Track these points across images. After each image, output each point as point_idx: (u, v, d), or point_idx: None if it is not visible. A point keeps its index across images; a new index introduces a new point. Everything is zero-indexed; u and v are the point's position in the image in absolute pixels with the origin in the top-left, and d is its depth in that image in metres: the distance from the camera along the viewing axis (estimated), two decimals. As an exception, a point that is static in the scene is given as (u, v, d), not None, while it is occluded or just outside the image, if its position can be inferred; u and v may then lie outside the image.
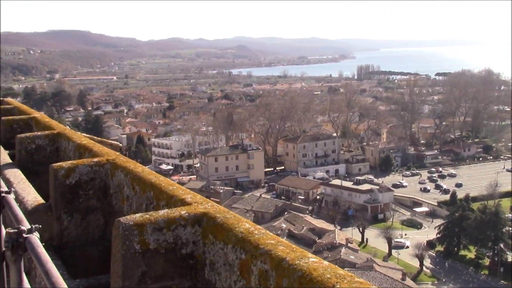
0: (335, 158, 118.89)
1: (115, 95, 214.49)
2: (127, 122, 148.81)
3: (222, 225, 3.25)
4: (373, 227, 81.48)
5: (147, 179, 4.36)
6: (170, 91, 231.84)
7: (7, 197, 3.60)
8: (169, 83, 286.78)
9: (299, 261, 2.68)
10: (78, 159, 5.89)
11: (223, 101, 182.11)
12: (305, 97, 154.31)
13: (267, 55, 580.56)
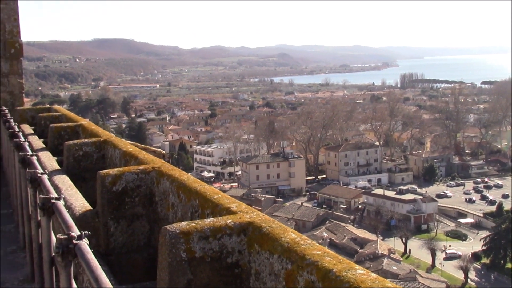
0: (378, 167, 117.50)
1: (158, 103, 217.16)
2: (170, 130, 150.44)
3: (267, 235, 3.23)
4: (416, 237, 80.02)
5: (192, 187, 4.38)
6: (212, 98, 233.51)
7: (57, 204, 3.68)
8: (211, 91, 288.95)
9: (346, 273, 2.65)
10: (124, 167, 5.98)
11: (265, 109, 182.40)
12: (347, 105, 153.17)
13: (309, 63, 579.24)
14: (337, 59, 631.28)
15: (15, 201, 7.88)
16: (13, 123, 8.98)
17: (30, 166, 5.60)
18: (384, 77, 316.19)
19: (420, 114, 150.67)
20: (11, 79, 13.78)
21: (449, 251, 74.32)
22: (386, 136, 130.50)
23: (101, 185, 5.20)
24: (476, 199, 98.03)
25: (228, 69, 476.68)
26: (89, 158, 7.44)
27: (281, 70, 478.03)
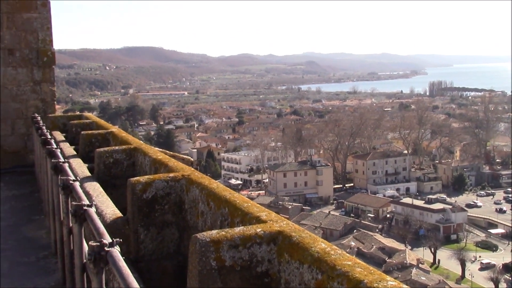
0: (406, 176, 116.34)
1: (186, 110, 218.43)
2: (198, 137, 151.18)
3: (297, 244, 3.23)
4: (446, 248, 78.87)
5: (222, 196, 4.40)
6: (239, 106, 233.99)
7: (89, 211, 3.73)
8: (238, 99, 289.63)
9: (378, 284, 2.63)
10: (154, 174, 6.03)
11: (292, 116, 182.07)
12: (375, 114, 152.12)
13: (337, 71, 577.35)
14: (365, 67, 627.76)
15: (47, 207, 8.01)
16: (45, 130, 9.14)
17: (62, 173, 5.69)
18: (413, 85, 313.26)
19: (450, 122, 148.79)
20: (44, 86, 14.02)
21: (483, 261, 73.12)
22: (414, 145, 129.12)
23: (131, 193, 5.26)
24: (506, 209, 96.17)
25: (256, 76, 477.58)
26: (119, 165, 7.52)
27: (309, 78, 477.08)
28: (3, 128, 13.64)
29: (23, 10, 13.68)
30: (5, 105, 13.65)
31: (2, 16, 13.50)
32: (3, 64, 13.57)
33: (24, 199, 10.52)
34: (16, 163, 13.57)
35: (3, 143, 13.67)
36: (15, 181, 12.31)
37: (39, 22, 13.86)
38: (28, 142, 13.70)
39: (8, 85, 13.64)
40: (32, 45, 13.81)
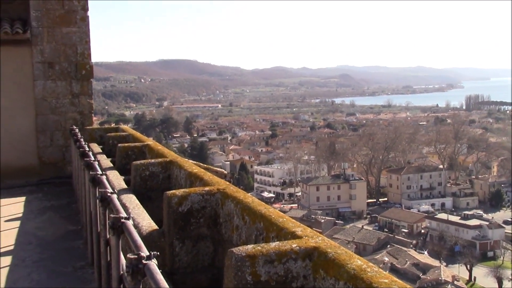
0: (441, 191, 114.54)
1: (220, 123, 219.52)
2: (231, 149, 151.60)
3: (333, 261, 3.22)
4: (482, 265, 77.16)
5: (257, 210, 4.42)
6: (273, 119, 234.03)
7: (126, 223, 3.78)
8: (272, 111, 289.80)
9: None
10: (189, 187, 6.09)
11: (326, 130, 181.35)
12: (410, 127, 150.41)
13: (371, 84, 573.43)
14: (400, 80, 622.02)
15: (84, 218, 8.14)
16: (83, 142, 9.31)
17: (100, 185, 5.79)
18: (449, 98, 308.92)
19: (487, 137, 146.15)
20: (82, 99, 14.30)
21: None
22: (450, 159, 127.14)
23: (167, 206, 5.32)
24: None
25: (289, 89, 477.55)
26: (155, 178, 7.61)
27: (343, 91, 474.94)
28: (42, 140, 13.94)
29: (63, 25, 14.01)
30: (45, 117, 13.96)
31: (43, 30, 13.85)
32: (43, 77, 13.89)
33: (62, 210, 10.71)
34: (54, 174, 13.84)
35: (42, 154, 13.96)
36: (53, 192, 12.55)
37: (78, 36, 14.17)
38: (66, 153, 13.96)
39: (48, 98, 13.96)
40: (71, 58, 14.12)
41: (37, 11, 13.81)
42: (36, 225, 9.55)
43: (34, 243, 8.42)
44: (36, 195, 12.27)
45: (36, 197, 12.12)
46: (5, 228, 9.29)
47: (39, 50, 13.81)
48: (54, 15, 13.90)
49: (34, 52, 13.80)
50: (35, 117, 13.96)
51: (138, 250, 3.08)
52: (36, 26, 13.78)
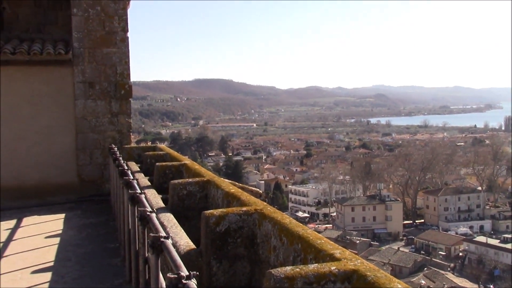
0: (480, 213, 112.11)
1: (255, 142, 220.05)
2: (266, 168, 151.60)
3: (373, 284, 3.20)
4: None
5: (295, 231, 4.42)
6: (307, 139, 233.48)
7: (166, 242, 3.83)
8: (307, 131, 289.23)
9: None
10: (226, 207, 6.13)
11: (361, 150, 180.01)
12: (447, 148, 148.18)
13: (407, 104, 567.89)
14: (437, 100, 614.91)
15: (122, 235, 8.25)
16: (122, 161, 9.46)
17: (139, 204, 5.88)
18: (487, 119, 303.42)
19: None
20: (120, 118, 14.56)
21: None
22: (489, 181, 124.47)
23: (205, 225, 5.36)
24: None
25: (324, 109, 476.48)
26: (192, 197, 7.68)
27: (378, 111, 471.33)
28: (82, 158, 14.22)
29: (104, 46, 14.35)
30: (85, 135, 14.25)
31: (84, 51, 14.20)
32: (84, 97, 14.22)
33: (100, 227, 10.87)
34: (93, 192, 14.08)
35: (82, 172, 14.23)
36: (92, 209, 12.75)
37: (118, 56, 14.48)
38: (104, 171, 14.20)
39: (88, 117, 14.26)
40: (111, 78, 14.42)
41: (79, 33, 14.18)
42: (75, 242, 9.71)
43: (73, 260, 8.56)
44: (76, 212, 12.49)
45: (76, 214, 12.34)
46: (46, 244, 9.48)
47: (80, 70, 14.15)
48: (95, 36, 14.26)
49: (76, 72, 14.15)
50: (75, 135, 14.26)
51: (178, 270, 3.11)
52: (78, 47, 14.14)
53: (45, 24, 15.37)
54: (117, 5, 14.41)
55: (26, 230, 10.78)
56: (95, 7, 14.23)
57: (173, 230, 6.18)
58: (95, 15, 14.23)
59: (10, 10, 15.12)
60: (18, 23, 15.17)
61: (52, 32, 15.29)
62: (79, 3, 14.14)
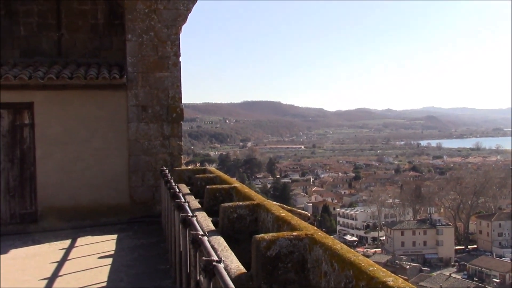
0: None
1: (303, 164, 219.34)
2: (313, 191, 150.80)
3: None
4: None
5: (347, 257, 4.41)
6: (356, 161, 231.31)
7: (218, 266, 3.89)
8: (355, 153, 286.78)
9: None
10: (277, 231, 6.16)
11: (411, 173, 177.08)
12: (501, 172, 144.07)
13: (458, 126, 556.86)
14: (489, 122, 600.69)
15: (173, 257, 8.37)
16: (173, 183, 9.63)
17: (190, 226, 5.98)
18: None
19: None
20: (172, 141, 14.84)
21: None
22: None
23: (256, 249, 5.40)
24: None
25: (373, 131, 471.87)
26: (242, 221, 7.74)
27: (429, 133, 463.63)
28: (134, 180, 14.52)
29: (157, 70, 14.71)
30: (137, 158, 14.57)
31: (138, 75, 14.60)
32: (137, 120, 14.57)
33: (151, 249, 11.05)
34: (144, 213, 14.34)
35: (134, 193, 14.52)
36: (143, 231, 12.98)
37: (170, 80, 14.82)
38: (155, 193, 14.45)
39: (140, 139, 14.59)
40: (163, 102, 14.74)
41: (133, 58, 14.59)
42: (127, 263, 9.89)
43: (125, 280, 8.73)
44: (127, 233, 12.73)
45: (127, 235, 12.58)
46: (99, 265, 9.70)
47: (134, 94, 14.54)
48: (148, 61, 14.64)
49: (129, 96, 14.54)
50: (128, 157, 14.60)
51: (231, 294, 3.17)
52: (132, 71, 14.54)
53: (101, 49, 15.90)
54: (169, 30, 14.79)
55: (80, 250, 11.06)
56: (149, 33, 14.64)
57: (223, 254, 6.24)
58: (149, 41, 14.64)
59: (68, 36, 15.71)
60: (75, 49, 15.74)
61: (107, 57, 15.79)
62: (134, 29, 14.58)
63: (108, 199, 14.37)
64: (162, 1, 14.74)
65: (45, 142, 14.14)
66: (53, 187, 14.13)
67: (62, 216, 14.03)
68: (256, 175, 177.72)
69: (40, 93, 14.06)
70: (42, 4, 15.51)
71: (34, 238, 12.65)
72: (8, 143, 14.08)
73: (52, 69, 14.30)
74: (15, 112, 14.15)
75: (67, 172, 14.24)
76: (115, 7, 15.88)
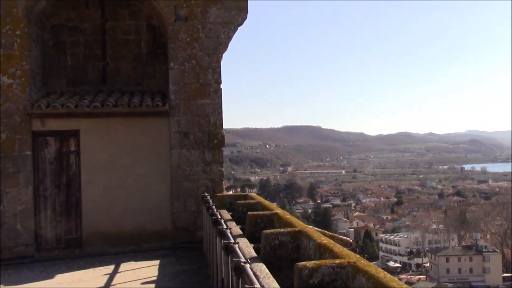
0: None
1: (344, 189, 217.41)
2: (355, 216, 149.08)
3: None
4: None
5: (390, 286, 4.39)
6: (398, 186, 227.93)
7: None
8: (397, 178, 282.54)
9: None
10: (319, 259, 6.15)
11: (455, 197, 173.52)
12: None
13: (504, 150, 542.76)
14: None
15: (215, 284, 8.40)
16: (215, 209, 9.71)
17: (232, 253, 6.01)
18: None
19: None
20: (213, 167, 14.99)
21: None
22: None
23: (298, 277, 5.41)
24: None
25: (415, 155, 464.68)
26: (284, 248, 7.74)
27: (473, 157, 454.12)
28: (176, 206, 14.69)
29: (198, 97, 14.95)
30: (179, 184, 14.75)
31: (180, 102, 14.86)
32: (179, 146, 14.79)
33: (193, 275, 11.11)
34: (186, 239, 14.45)
35: (176, 219, 14.67)
36: (185, 256, 13.08)
37: (211, 107, 15.02)
38: (197, 219, 14.56)
39: (182, 166, 14.78)
40: (204, 128, 14.94)
41: (175, 85, 14.88)
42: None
43: (168, 306, 8.80)
44: (170, 259, 12.85)
45: (170, 261, 12.69)
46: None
47: (176, 121, 14.78)
48: (190, 89, 14.91)
49: (172, 122, 14.79)
50: (170, 183, 14.79)
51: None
52: (174, 99, 14.82)
53: (144, 77, 16.27)
54: (211, 58, 15.04)
55: (123, 276, 11.20)
56: (191, 61, 14.92)
57: (265, 281, 6.25)
58: (190, 69, 14.91)
59: (112, 65, 16.15)
60: (119, 77, 16.15)
61: (150, 85, 16.15)
62: (176, 58, 14.89)
63: (150, 225, 14.57)
64: (204, 30, 15.03)
65: (90, 168, 14.47)
66: (97, 212, 14.41)
67: (106, 241, 14.28)
68: (296, 200, 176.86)
69: (86, 120, 14.45)
70: (88, 35, 16.01)
71: (79, 263, 12.89)
72: (55, 170, 14.47)
73: (98, 98, 14.71)
74: (62, 140, 14.56)
75: (111, 198, 14.51)
76: (158, 36, 16.27)
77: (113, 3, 16.17)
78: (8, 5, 14.14)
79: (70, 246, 14.37)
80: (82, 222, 14.41)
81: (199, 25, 15.03)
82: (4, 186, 13.90)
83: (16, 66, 14.08)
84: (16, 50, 14.10)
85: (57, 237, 14.35)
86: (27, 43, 14.20)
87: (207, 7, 15.09)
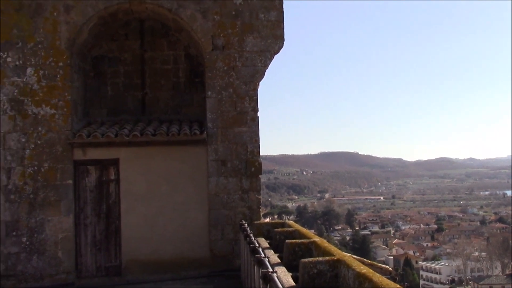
0: None
1: (382, 215, 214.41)
2: (394, 243, 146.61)
3: None
4: None
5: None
6: (438, 212, 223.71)
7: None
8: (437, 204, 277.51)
9: None
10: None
11: (498, 224, 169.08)
12: None
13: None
14: None
15: (253, 313, 8.36)
16: (253, 238, 9.71)
17: (271, 282, 6.00)
18: None
19: None
20: (250, 195, 15.02)
21: None
22: None
23: (337, 307, 5.37)
24: None
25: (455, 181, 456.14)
26: (322, 277, 7.69)
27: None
28: (213, 233, 14.73)
29: (235, 125, 15.08)
30: (217, 212, 14.82)
31: (217, 131, 15.01)
32: (217, 174, 14.89)
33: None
34: (224, 267, 14.45)
35: (214, 247, 14.70)
36: (223, 285, 13.07)
37: (248, 135, 15.11)
38: (235, 247, 14.56)
39: (220, 193, 14.86)
40: (242, 156, 15.02)
41: (212, 114, 15.05)
42: (208, 317, 9.96)
43: (207, 335, 8.78)
44: (208, 287, 12.85)
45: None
46: (181, 319, 9.81)
47: (213, 149, 14.92)
48: (227, 117, 15.05)
49: (209, 150, 14.93)
50: (208, 211, 14.87)
51: None
52: (212, 127, 14.98)
53: (182, 106, 16.52)
54: (248, 86, 15.19)
55: (162, 304, 11.24)
56: (228, 90, 15.09)
57: (304, 310, 6.22)
58: (228, 97, 15.08)
59: (151, 94, 16.47)
60: (158, 106, 16.45)
61: (188, 113, 16.38)
62: (213, 86, 15.09)
63: (188, 253, 14.63)
64: (241, 59, 15.22)
65: (129, 196, 14.68)
66: (136, 240, 14.56)
67: (145, 269, 14.39)
68: (334, 227, 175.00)
69: (125, 149, 14.71)
70: (128, 65, 16.40)
71: (118, 291, 13.01)
72: (95, 198, 14.74)
73: (137, 127, 14.98)
74: (102, 168, 14.85)
75: (149, 226, 14.67)
76: (196, 65, 16.55)
77: (152, 34, 16.56)
78: (51, 38, 14.61)
79: (109, 274, 14.54)
80: (121, 250, 14.58)
81: (236, 54, 15.24)
82: (46, 215, 14.20)
83: (58, 97, 14.50)
84: (59, 81, 14.53)
85: (97, 265, 14.54)
86: (69, 74, 14.62)
87: (244, 36, 15.30)
